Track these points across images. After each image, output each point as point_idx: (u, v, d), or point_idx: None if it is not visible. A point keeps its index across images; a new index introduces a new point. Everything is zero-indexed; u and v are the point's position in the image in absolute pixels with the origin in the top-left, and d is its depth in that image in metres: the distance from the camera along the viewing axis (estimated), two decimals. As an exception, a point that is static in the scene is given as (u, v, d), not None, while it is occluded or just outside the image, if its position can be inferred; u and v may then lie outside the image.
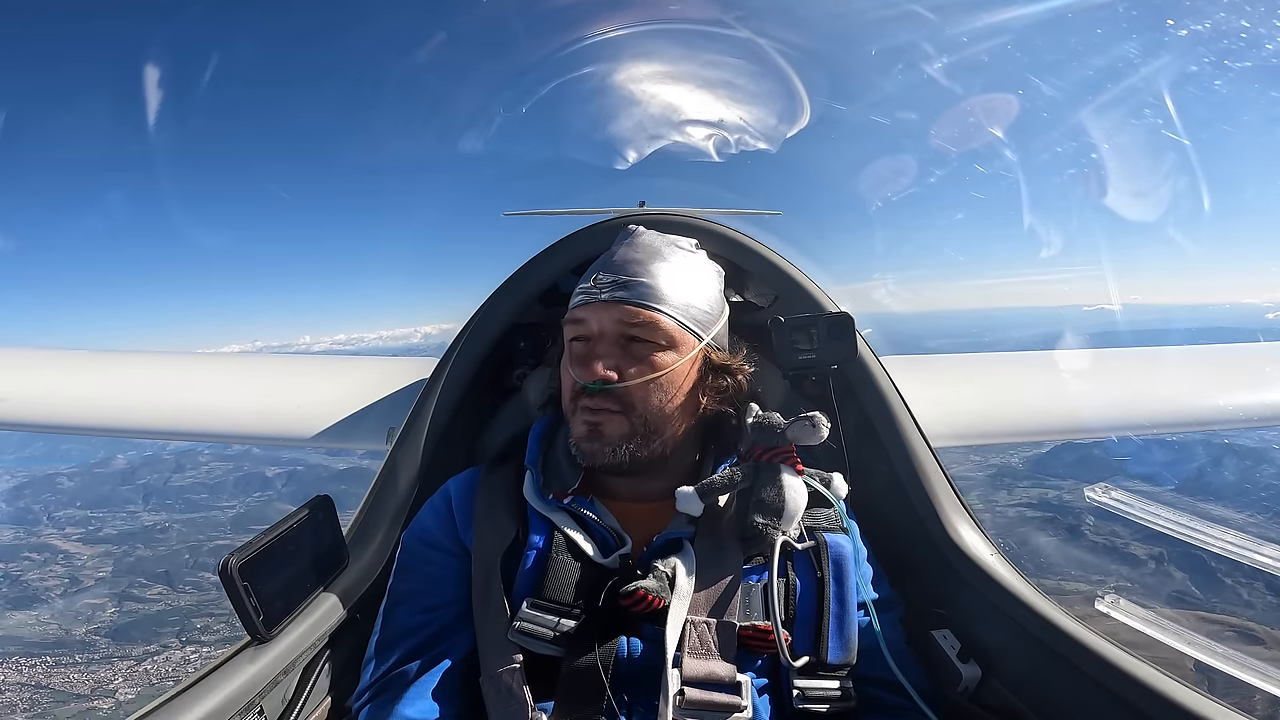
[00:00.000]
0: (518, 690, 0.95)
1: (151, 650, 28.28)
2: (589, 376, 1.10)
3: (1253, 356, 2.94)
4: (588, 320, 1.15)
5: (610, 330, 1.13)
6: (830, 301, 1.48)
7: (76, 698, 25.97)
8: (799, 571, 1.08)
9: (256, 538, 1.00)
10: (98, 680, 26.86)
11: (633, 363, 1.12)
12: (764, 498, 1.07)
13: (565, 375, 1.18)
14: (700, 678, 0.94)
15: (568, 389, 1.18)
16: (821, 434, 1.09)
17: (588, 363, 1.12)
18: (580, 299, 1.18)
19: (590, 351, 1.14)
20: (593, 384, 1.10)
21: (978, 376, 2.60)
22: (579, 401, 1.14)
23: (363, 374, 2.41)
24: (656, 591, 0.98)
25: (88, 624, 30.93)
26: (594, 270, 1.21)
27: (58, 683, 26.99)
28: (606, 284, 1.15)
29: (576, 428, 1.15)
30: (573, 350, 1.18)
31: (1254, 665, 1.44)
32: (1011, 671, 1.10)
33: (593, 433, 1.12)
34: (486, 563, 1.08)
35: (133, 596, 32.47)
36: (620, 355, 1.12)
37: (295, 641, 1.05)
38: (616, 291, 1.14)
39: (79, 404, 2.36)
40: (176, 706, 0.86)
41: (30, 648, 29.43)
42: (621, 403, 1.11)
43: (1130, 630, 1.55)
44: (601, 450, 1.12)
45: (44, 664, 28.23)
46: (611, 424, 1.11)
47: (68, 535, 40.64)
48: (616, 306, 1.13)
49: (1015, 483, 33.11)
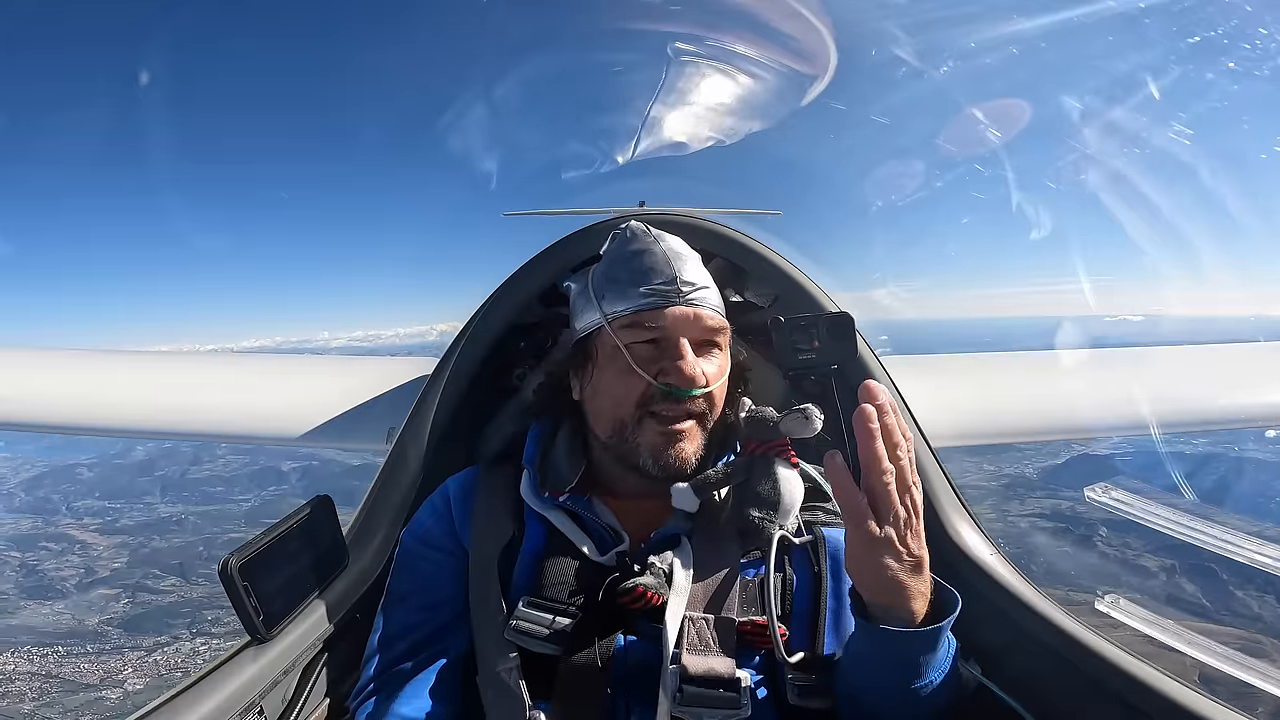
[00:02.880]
0: (515, 688, 0.95)
1: (162, 641, 28.37)
2: (687, 382, 1.07)
3: (1253, 356, 2.94)
4: (671, 324, 1.10)
5: (694, 335, 1.11)
6: (830, 301, 1.48)
7: (85, 687, 26.04)
8: (796, 566, 1.08)
9: (256, 537, 1.00)
10: (107, 670, 26.94)
11: (711, 366, 1.12)
12: (759, 491, 1.07)
13: (629, 380, 1.10)
14: (699, 674, 0.94)
15: (635, 394, 1.09)
16: (815, 426, 1.08)
17: (684, 367, 1.07)
18: (651, 301, 1.11)
19: (675, 355, 1.08)
20: (689, 391, 1.07)
21: (978, 376, 2.60)
22: (652, 407, 1.09)
23: (363, 373, 2.41)
24: (654, 588, 0.98)
25: (100, 614, 31.05)
26: (647, 271, 1.14)
27: (68, 672, 27.07)
28: (678, 287, 1.12)
29: (649, 437, 1.09)
30: (640, 353, 1.10)
31: (1252, 665, 1.44)
32: (1011, 671, 1.10)
33: (671, 439, 1.09)
34: (484, 561, 1.08)
35: (146, 588, 32.59)
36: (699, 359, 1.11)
37: (295, 641, 1.05)
38: (693, 294, 1.12)
39: (79, 404, 2.36)
40: (176, 706, 0.86)
41: (43, 637, 29.56)
42: (704, 407, 1.11)
43: (1130, 630, 1.55)
44: (685, 456, 1.10)
45: (55, 654, 28.33)
46: (691, 429, 1.10)
47: (85, 525, 40.84)
48: (699, 311, 1.12)
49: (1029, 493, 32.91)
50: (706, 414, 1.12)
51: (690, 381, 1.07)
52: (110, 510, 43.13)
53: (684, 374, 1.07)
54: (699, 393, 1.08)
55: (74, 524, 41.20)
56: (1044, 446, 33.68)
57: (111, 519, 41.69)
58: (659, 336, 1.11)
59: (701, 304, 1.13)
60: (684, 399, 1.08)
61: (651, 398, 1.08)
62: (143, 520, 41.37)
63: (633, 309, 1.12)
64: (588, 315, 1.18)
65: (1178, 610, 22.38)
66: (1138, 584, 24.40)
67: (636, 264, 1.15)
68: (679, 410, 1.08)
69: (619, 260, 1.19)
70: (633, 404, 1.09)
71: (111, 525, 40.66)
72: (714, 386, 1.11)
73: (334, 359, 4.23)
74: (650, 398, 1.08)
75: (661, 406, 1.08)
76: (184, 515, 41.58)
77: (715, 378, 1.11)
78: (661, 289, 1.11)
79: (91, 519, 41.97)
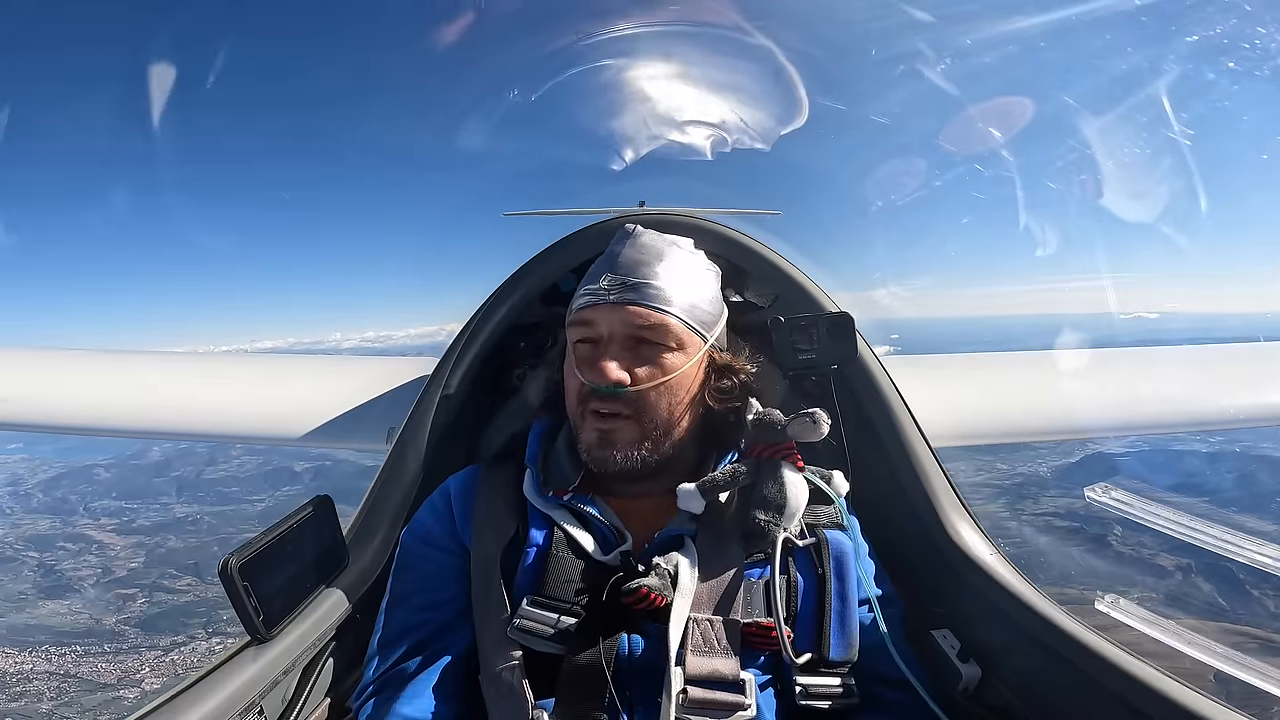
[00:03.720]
0: (518, 688, 0.95)
1: (179, 641, 28.55)
2: (601, 379, 1.08)
3: (1253, 356, 2.94)
4: (596, 322, 1.13)
5: (620, 332, 1.12)
6: (830, 301, 1.48)
7: (103, 687, 26.20)
8: (800, 568, 1.08)
9: (256, 537, 1.00)
10: (125, 670, 27.10)
11: (642, 365, 1.11)
12: (765, 494, 1.07)
13: (571, 378, 1.16)
14: (703, 675, 0.94)
15: (574, 392, 1.15)
16: (822, 431, 1.08)
17: (599, 365, 1.10)
18: (586, 300, 1.15)
19: (600, 354, 1.12)
20: (605, 387, 1.09)
21: (978, 376, 2.60)
22: (588, 405, 1.12)
23: (363, 373, 2.41)
24: (659, 589, 0.97)
25: (118, 614, 31.29)
26: (598, 271, 1.18)
27: (86, 672, 27.25)
28: (615, 285, 1.13)
29: (587, 434, 1.13)
30: (579, 352, 1.15)
31: (1255, 666, 1.44)
32: (1011, 671, 1.10)
33: (604, 440, 1.11)
34: (486, 560, 1.08)
35: (163, 587, 32.83)
36: (630, 358, 1.11)
37: (295, 641, 1.05)
38: (625, 293, 1.12)
39: (79, 404, 2.35)
40: (176, 706, 0.86)
41: (61, 637, 29.78)
42: (633, 406, 1.10)
43: (1130, 630, 1.55)
44: (614, 456, 1.10)
45: (73, 653, 28.55)
46: (624, 430, 1.10)
47: (103, 526, 41.21)
48: (626, 308, 1.11)
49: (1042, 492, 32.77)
50: (641, 413, 1.10)
51: (602, 379, 1.08)
52: (127, 510, 43.52)
53: (597, 372, 1.09)
54: (607, 390, 1.09)
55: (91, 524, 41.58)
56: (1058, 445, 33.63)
57: (128, 519, 42.05)
58: (593, 335, 1.14)
59: (638, 302, 1.12)
60: (605, 397, 1.09)
61: (587, 395, 1.12)
62: (159, 520, 41.74)
63: (575, 308, 1.18)
64: None
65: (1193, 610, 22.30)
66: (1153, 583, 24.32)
67: (597, 265, 1.21)
68: (610, 407, 1.10)
69: (594, 261, 1.24)
70: (575, 400, 1.15)
71: (128, 525, 41.01)
72: (643, 387, 1.09)
73: (334, 359, 4.23)
74: (586, 395, 1.12)
75: (593, 404, 1.11)
76: (199, 515, 41.94)
77: (646, 378, 1.10)
78: (594, 289, 1.15)
79: (109, 519, 42.36)
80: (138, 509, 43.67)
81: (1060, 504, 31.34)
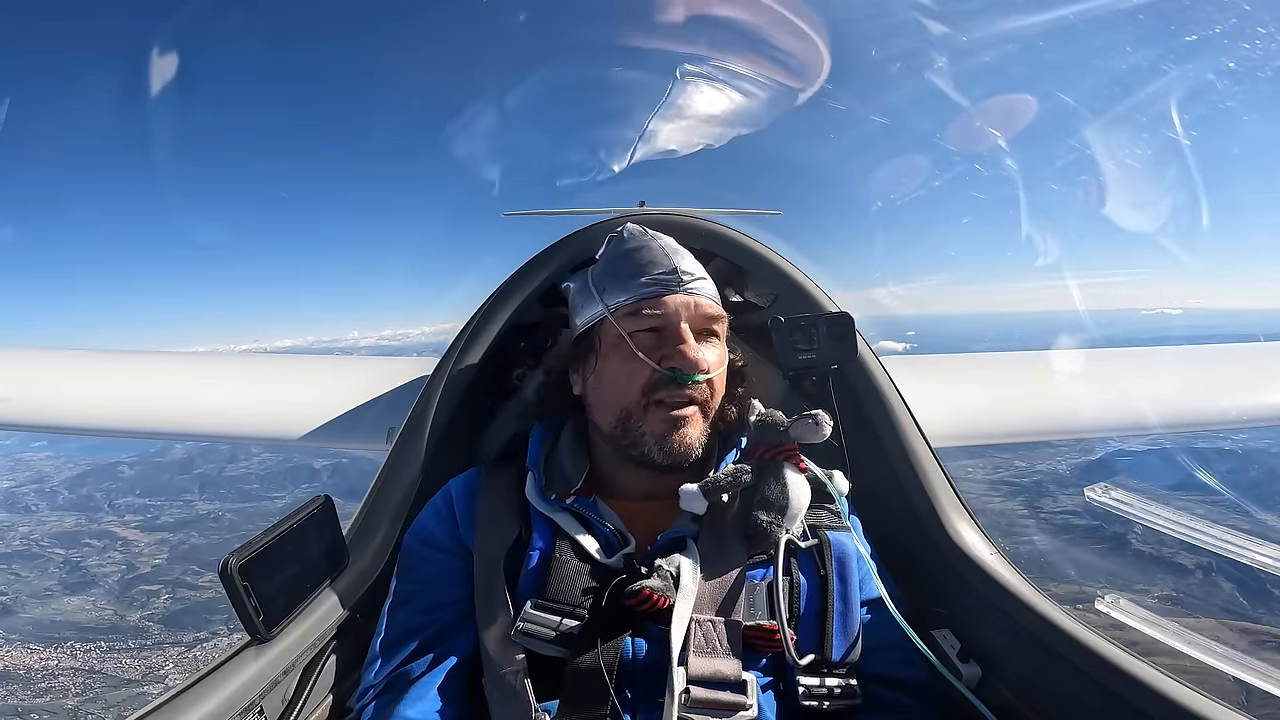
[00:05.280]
0: (521, 690, 0.95)
1: (201, 637, 28.77)
2: (694, 366, 1.08)
3: (1252, 356, 2.94)
4: (671, 310, 1.12)
5: (695, 322, 1.13)
6: (830, 301, 1.48)
7: (127, 683, 26.41)
8: (803, 569, 1.08)
9: (256, 537, 1.00)
10: (149, 666, 27.33)
11: (710, 353, 1.13)
12: (767, 495, 1.07)
13: (632, 368, 1.11)
14: (706, 676, 0.94)
15: (640, 382, 1.10)
16: (824, 432, 1.09)
17: (687, 350, 1.08)
18: (652, 290, 1.13)
19: (679, 340, 1.10)
20: (691, 376, 1.09)
21: (977, 376, 2.60)
22: (655, 395, 1.10)
23: (363, 373, 2.41)
24: (661, 591, 0.97)
25: (142, 610, 31.61)
26: (646, 264, 1.16)
27: (110, 668, 27.50)
28: (684, 275, 1.14)
29: (653, 424, 1.10)
30: (641, 341, 1.12)
31: (1253, 664, 1.44)
32: (1011, 671, 1.10)
33: (675, 425, 1.10)
34: (489, 563, 1.08)
35: (186, 584, 33.16)
36: (701, 347, 1.13)
37: (295, 641, 1.05)
38: (694, 283, 1.15)
39: (80, 404, 2.36)
40: (176, 706, 0.86)
41: (85, 633, 30.05)
42: (705, 394, 1.12)
43: (1130, 630, 1.55)
44: (688, 442, 1.11)
45: (98, 649, 28.83)
46: (694, 416, 1.12)
47: (127, 523, 41.71)
48: (698, 298, 1.14)
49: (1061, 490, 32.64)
50: (708, 401, 1.13)
51: (694, 365, 1.09)
52: (151, 507, 44.06)
53: (687, 358, 1.09)
54: (702, 378, 1.10)
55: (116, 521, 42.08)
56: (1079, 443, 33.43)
57: (152, 516, 42.58)
58: (660, 324, 1.13)
59: (700, 293, 1.15)
60: (687, 384, 1.09)
61: (655, 384, 1.10)
62: (182, 517, 42.28)
63: (634, 298, 1.14)
64: (589, 309, 1.20)
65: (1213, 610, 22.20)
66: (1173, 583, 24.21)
67: (636, 257, 1.18)
68: (682, 396, 1.10)
69: (618, 256, 1.21)
70: (638, 391, 1.11)
71: (152, 522, 41.52)
72: (715, 373, 1.13)
73: (334, 359, 4.22)
74: (654, 384, 1.10)
75: (665, 393, 1.10)
76: (221, 512, 42.46)
77: (716, 365, 1.14)
78: (662, 278, 1.14)
79: (133, 516, 42.90)
80: (161, 506, 44.26)
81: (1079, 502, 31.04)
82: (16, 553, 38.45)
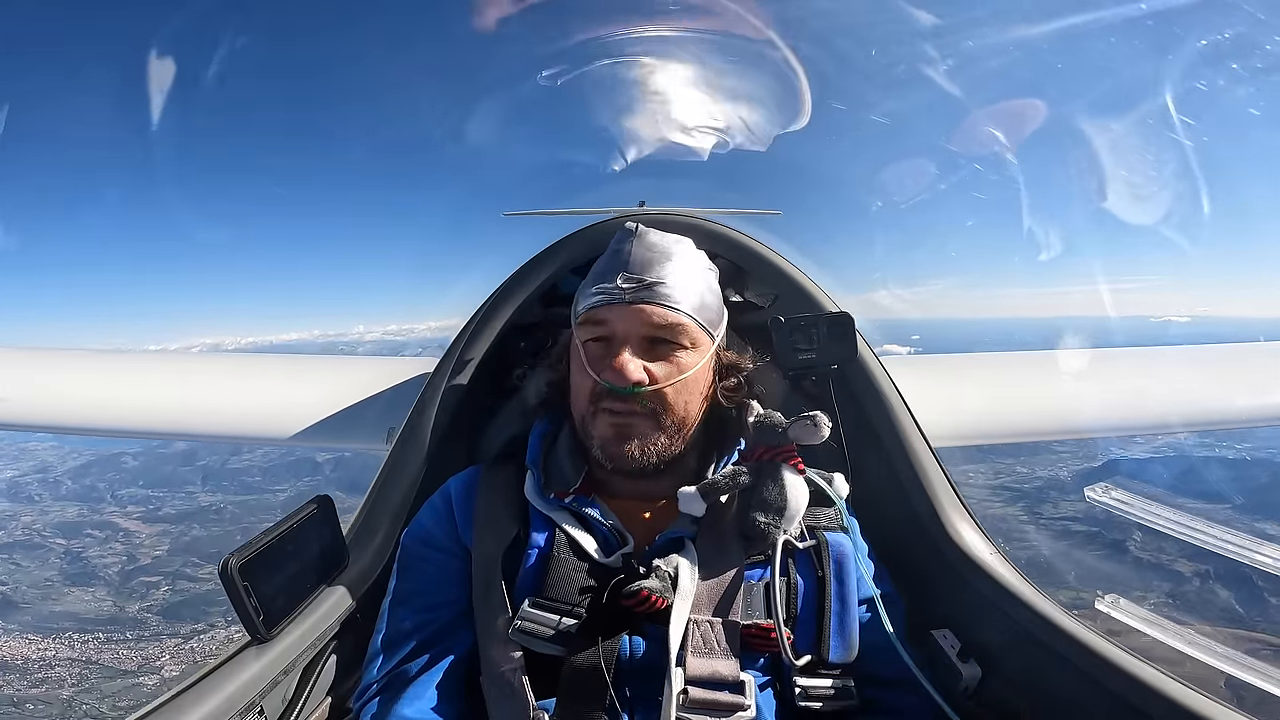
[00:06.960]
0: (519, 689, 0.95)
1: (199, 629, 28.85)
2: (620, 380, 1.08)
3: (1253, 356, 2.94)
4: (612, 321, 1.12)
5: (636, 332, 1.12)
6: (830, 301, 1.48)
7: (123, 674, 26.47)
8: (800, 570, 1.08)
9: (256, 537, 1.00)
10: (145, 657, 27.41)
11: (658, 364, 1.11)
12: (766, 496, 1.07)
13: (582, 377, 1.15)
14: (703, 677, 0.94)
15: (586, 391, 1.14)
16: (823, 433, 1.09)
17: (616, 365, 1.09)
18: (599, 300, 1.14)
19: (617, 353, 1.10)
20: (624, 388, 1.08)
21: (978, 376, 2.60)
22: (601, 404, 1.12)
23: (363, 373, 2.42)
24: (659, 591, 0.97)
25: (141, 601, 31.71)
26: (607, 270, 1.17)
27: (107, 659, 27.54)
28: (630, 285, 1.12)
29: (601, 430, 1.12)
30: (590, 351, 1.15)
31: (1253, 664, 1.44)
32: (1011, 671, 1.10)
33: (620, 434, 1.10)
34: (487, 562, 1.08)
35: (185, 575, 33.24)
36: (646, 357, 1.11)
37: (295, 641, 1.05)
38: (640, 292, 1.12)
39: (80, 404, 2.36)
40: (176, 706, 0.86)
41: (84, 623, 30.13)
42: (651, 405, 1.10)
43: (1130, 630, 1.55)
44: (631, 451, 1.10)
45: (96, 640, 28.86)
46: (641, 426, 1.10)
47: (129, 514, 41.85)
48: (643, 308, 1.11)
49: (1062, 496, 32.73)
50: (659, 412, 1.11)
51: (623, 379, 1.08)
52: (153, 499, 44.20)
53: (616, 372, 1.08)
54: (638, 390, 1.09)
55: (118, 512, 42.24)
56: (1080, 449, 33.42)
57: (154, 507, 42.73)
58: (605, 334, 1.13)
59: (653, 301, 1.12)
60: (623, 396, 1.09)
61: (599, 394, 1.12)
62: (184, 509, 42.39)
63: (586, 308, 1.16)
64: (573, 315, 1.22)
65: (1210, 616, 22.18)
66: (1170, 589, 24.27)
67: (601, 265, 1.20)
68: (626, 406, 1.10)
69: (597, 261, 1.23)
70: (586, 399, 1.14)
71: (154, 514, 41.68)
72: (661, 386, 1.10)
73: (334, 359, 4.22)
74: (598, 394, 1.12)
75: (608, 403, 1.11)
76: (223, 505, 42.63)
77: (664, 377, 1.10)
78: (608, 288, 1.14)
79: (135, 507, 43.07)
80: (164, 497, 44.41)
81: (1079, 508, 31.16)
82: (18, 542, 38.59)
